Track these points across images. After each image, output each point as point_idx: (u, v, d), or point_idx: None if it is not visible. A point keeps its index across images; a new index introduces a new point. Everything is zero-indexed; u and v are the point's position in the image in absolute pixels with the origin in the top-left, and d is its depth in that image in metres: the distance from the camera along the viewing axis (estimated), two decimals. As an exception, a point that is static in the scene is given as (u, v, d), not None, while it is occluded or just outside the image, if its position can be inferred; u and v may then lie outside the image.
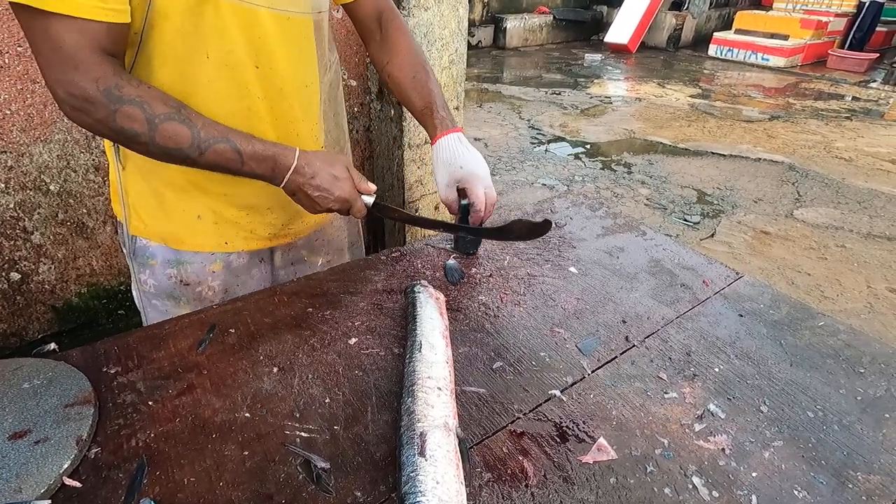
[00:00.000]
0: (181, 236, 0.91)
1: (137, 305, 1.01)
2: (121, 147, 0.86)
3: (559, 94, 6.51)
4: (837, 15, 8.80)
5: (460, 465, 0.55)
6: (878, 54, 8.41)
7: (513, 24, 9.07)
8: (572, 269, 0.99)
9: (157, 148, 0.72)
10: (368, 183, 0.87)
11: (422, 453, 0.54)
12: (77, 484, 0.56)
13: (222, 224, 0.92)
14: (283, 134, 0.88)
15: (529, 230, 0.94)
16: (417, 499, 0.50)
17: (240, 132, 0.77)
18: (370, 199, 0.87)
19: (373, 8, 1.02)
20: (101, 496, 0.55)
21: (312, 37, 0.88)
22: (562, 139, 5.00)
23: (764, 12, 9.00)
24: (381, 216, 0.92)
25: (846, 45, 8.70)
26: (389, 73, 1.02)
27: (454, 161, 0.93)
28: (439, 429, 0.57)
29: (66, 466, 0.56)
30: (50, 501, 0.54)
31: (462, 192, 0.96)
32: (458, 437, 0.58)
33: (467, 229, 0.98)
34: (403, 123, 1.83)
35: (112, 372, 0.71)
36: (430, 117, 0.97)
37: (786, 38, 8.41)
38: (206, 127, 0.74)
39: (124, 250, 0.97)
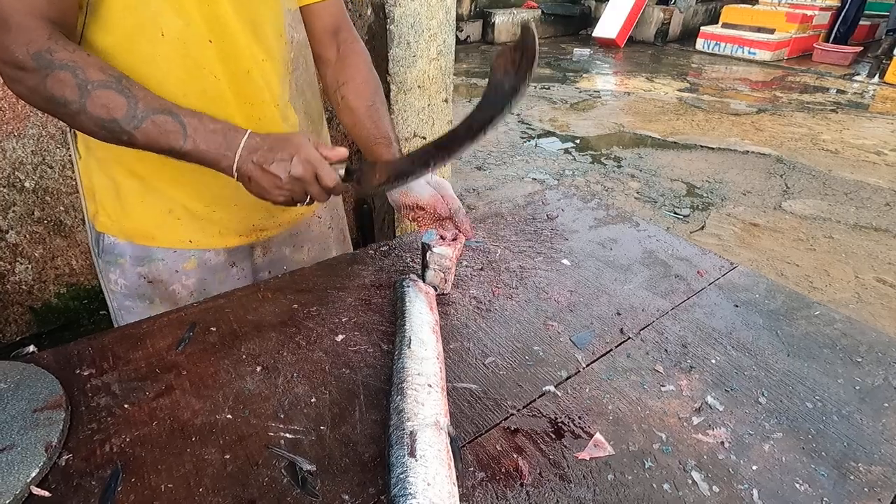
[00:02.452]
0: (150, 232, 0.87)
1: (109, 308, 0.96)
2: (78, 135, 0.82)
3: (548, 88, 6.50)
4: (822, 9, 8.87)
5: (452, 464, 0.53)
6: (862, 47, 8.50)
7: (501, 18, 9.03)
8: (565, 261, 0.97)
9: (88, 118, 0.66)
10: (336, 147, 0.76)
11: (412, 453, 0.52)
12: (46, 493, 0.53)
13: (193, 219, 0.87)
14: (248, 116, 0.83)
15: (513, 63, 0.68)
16: (408, 501, 0.48)
17: (186, 108, 0.71)
18: (340, 168, 0.76)
19: (330, 22, 0.94)
20: (71, 506, 0.52)
21: (274, 9, 0.82)
22: (551, 133, 4.98)
23: (750, 6, 9.05)
24: (361, 189, 0.78)
25: (831, 39, 8.78)
26: (343, 96, 0.94)
27: (427, 180, 0.87)
28: (430, 427, 0.55)
29: (33, 475, 0.53)
30: (16, 513, 0.51)
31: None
32: (449, 435, 0.56)
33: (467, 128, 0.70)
34: (392, 117, 1.79)
35: (86, 374, 0.68)
36: (386, 147, 0.89)
37: (772, 31, 8.47)
38: (146, 98, 0.68)
39: (92, 250, 0.92)
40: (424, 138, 1.89)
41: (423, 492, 0.48)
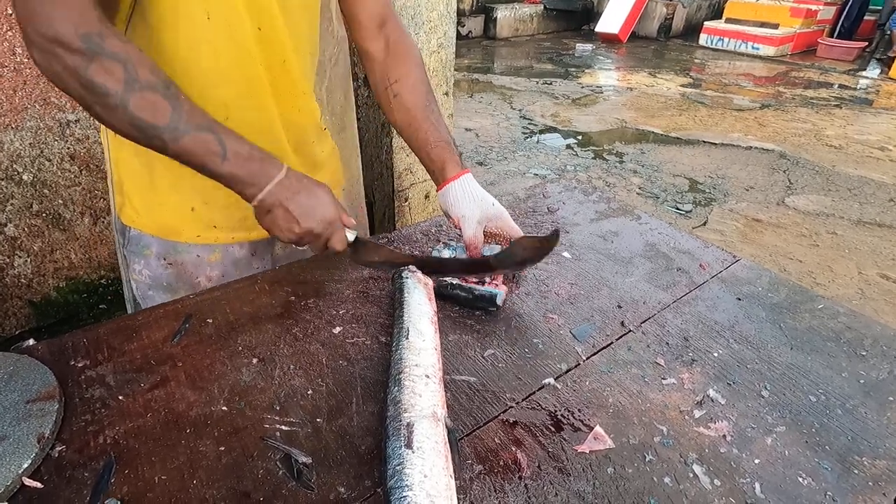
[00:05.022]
0: (177, 227, 0.87)
1: (128, 299, 0.96)
2: None
3: (550, 83, 6.46)
4: (826, 3, 8.81)
5: (449, 456, 0.52)
6: (866, 43, 8.44)
7: (503, 13, 8.98)
8: (566, 254, 0.96)
9: (126, 116, 0.63)
10: (350, 218, 0.80)
11: (409, 445, 0.51)
12: (38, 484, 0.52)
13: (218, 211, 0.86)
14: (284, 109, 0.83)
15: (535, 248, 0.83)
16: (404, 493, 0.47)
17: (226, 128, 0.70)
18: (352, 234, 0.80)
19: (376, 11, 0.89)
20: (64, 497, 0.51)
21: (316, 4, 0.83)
22: (553, 129, 4.96)
23: (754, 1, 8.98)
24: (356, 260, 0.84)
25: (835, 34, 8.71)
26: (396, 94, 0.90)
27: (485, 197, 0.86)
28: (427, 419, 0.54)
29: (25, 466, 0.52)
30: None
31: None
32: (447, 427, 0.55)
33: (460, 263, 0.85)
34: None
35: (80, 365, 0.67)
36: (447, 151, 0.87)
37: (775, 26, 8.41)
38: (191, 111, 0.67)
39: (117, 239, 0.92)
40: (425, 132, 1.87)
41: (419, 483, 0.47)
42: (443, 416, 0.56)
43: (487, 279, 0.83)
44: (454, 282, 0.82)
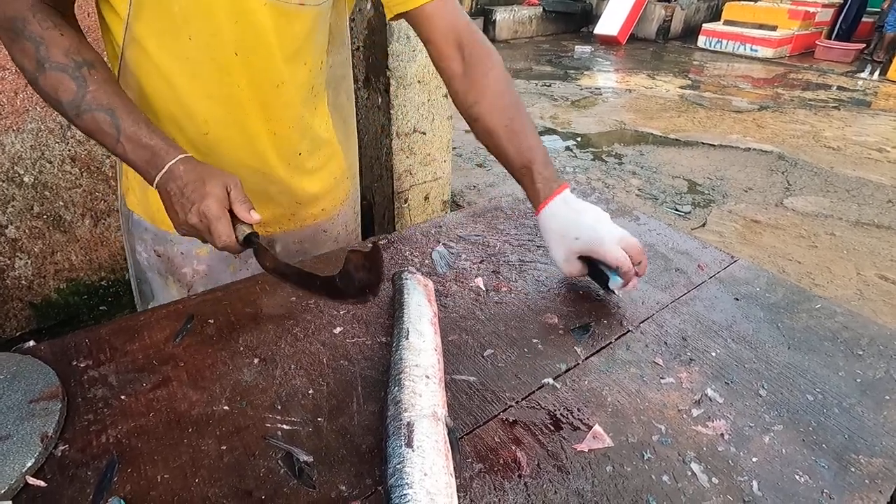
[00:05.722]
0: (166, 218, 0.87)
1: (132, 277, 0.99)
2: None
3: (549, 86, 6.48)
4: (825, 5, 8.84)
5: (450, 455, 0.53)
6: (864, 45, 8.47)
7: (502, 15, 9.01)
8: (565, 254, 0.97)
9: (39, 91, 0.70)
10: (252, 212, 0.73)
11: (409, 444, 0.51)
12: (41, 483, 0.53)
13: None
14: (269, 129, 0.83)
15: (364, 266, 0.68)
16: (404, 491, 0.47)
17: (138, 113, 0.71)
18: (244, 231, 0.72)
19: (447, 26, 0.82)
20: (67, 496, 0.52)
21: (308, 29, 0.81)
22: (553, 131, 4.97)
23: (752, 3, 9.02)
24: (260, 264, 0.75)
25: (833, 36, 8.75)
26: (477, 118, 0.84)
27: (567, 232, 0.79)
28: (427, 418, 0.54)
29: (29, 465, 0.53)
30: (11, 503, 0.50)
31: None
32: (447, 426, 0.55)
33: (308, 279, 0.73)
34: (391, 112, 1.79)
35: (82, 365, 0.67)
36: (529, 179, 0.81)
37: (774, 28, 8.45)
38: (97, 92, 0.69)
39: (122, 221, 0.96)
40: (424, 133, 1.89)
41: (419, 482, 0.48)
42: (443, 416, 0.56)
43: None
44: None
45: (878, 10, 8.64)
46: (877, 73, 7.45)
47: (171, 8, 0.70)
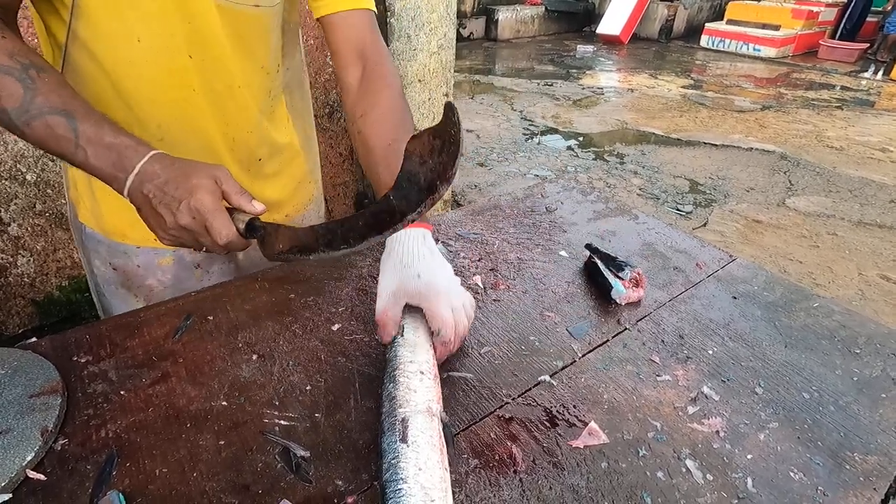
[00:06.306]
0: (124, 230, 0.85)
1: (93, 291, 0.95)
2: None
3: (551, 85, 6.48)
4: (828, 5, 8.82)
5: (444, 450, 0.53)
6: (868, 44, 8.44)
7: (505, 15, 9.00)
8: (563, 252, 0.97)
9: None
10: (253, 201, 0.65)
11: (404, 439, 0.52)
12: (41, 477, 0.53)
13: None
14: (224, 133, 0.80)
15: (431, 150, 0.53)
16: (399, 486, 0.48)
17: (98, 114, 0.63)
18: (243, 220, 0.63)
19: (353, 37, 0.81)
20: (66, 489, 0.52)
21: (263, 30, 0.78)
22: (554, 130, 4.97)
23: (755, 2, 8.99)
24: (267, 254, 0.63)
25: (837, 35, 8.72)
26: (360, 131, 0.78)
27: (410, 265, 0.66)
28: (422, 414, 0.55)
29: (29, 458, 0.53)
30: (11, 496, 0.51)
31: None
32: (442, 421, 0.56)
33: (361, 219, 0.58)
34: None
35: (83, 361, 0.68)
36: None
37: (777, 28, 8.42)
38: (49, 94, 0.61)
39: (75, 235, 0.91)
40: (425, 133, 1.89)
41: (414, 476, 0.48)
42: (438, 411, 0.57)
43: (629, 272, 0.83)
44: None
45: (882, 9, 8.61)
46: (880, 72, 7.42)
47: (118, 9, 0.66)
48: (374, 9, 0.85)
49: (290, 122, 0.95)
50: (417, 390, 0.57)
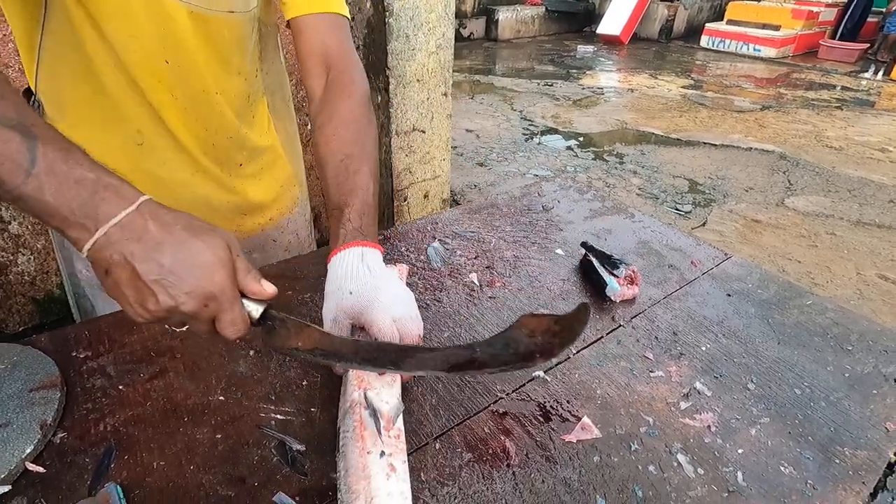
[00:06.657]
0: None
1: (70, 294, 0.92)
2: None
3: (551, 85, 6.48)
4: (828, 5, 8.82)
5: (365, 432, 0.52)
6: (868, 44, 8.44)
7: (505, 15, 9.01)
8: (559, 250, 0.98)
9: None
10: (265, 283, 0.54)
11: (337, 449, 0.54)
12: (40, 469, 0.54)
13: None
14: (211, 135, 0.80)
15: (551, 331, 0.51)
16: (339, 497, 0.50)
17: (65, 139, 0.47)
18: (258, 308, 0.53)
19: (319, 43, 0.77)
20: (65, 481, 0.53)
21: (238, 36, 0.77)
22: (554, 130, 4.98)
23: (755, 2, 8.99)
24: (270, 345, 0.55)
25: (837, 36, 8.72)
26: (317, 143, 0.74)
27: (343, 286, 0.61)
28: (348, 413, 0.55)
29: (28, 451, 0.54)
30: (10, 487, 0.52)
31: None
32: (366, 401, 0.54)
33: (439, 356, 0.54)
34: (391, 110, 1.80)
35: (82, 356, 0.69)
36: (336, 221, 0.67)
37: (777, 28, 8.43)
38: (4, 104, 0.46)
39: (53, 238, 0.90)
40: (423, 132, 1.90)
41: (343, 478, 0.50)
42: (361, 397, 0.55)
43: (624, 270, 0.84)
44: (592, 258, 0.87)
45: (883, 10, 8.61)
46: (880, 73, 7.42)
47: (93, 8, 0.65)
48: (347, 14, 0.82)
49: (271, 124, 0.94)
50: (345, 391, 0.58)
